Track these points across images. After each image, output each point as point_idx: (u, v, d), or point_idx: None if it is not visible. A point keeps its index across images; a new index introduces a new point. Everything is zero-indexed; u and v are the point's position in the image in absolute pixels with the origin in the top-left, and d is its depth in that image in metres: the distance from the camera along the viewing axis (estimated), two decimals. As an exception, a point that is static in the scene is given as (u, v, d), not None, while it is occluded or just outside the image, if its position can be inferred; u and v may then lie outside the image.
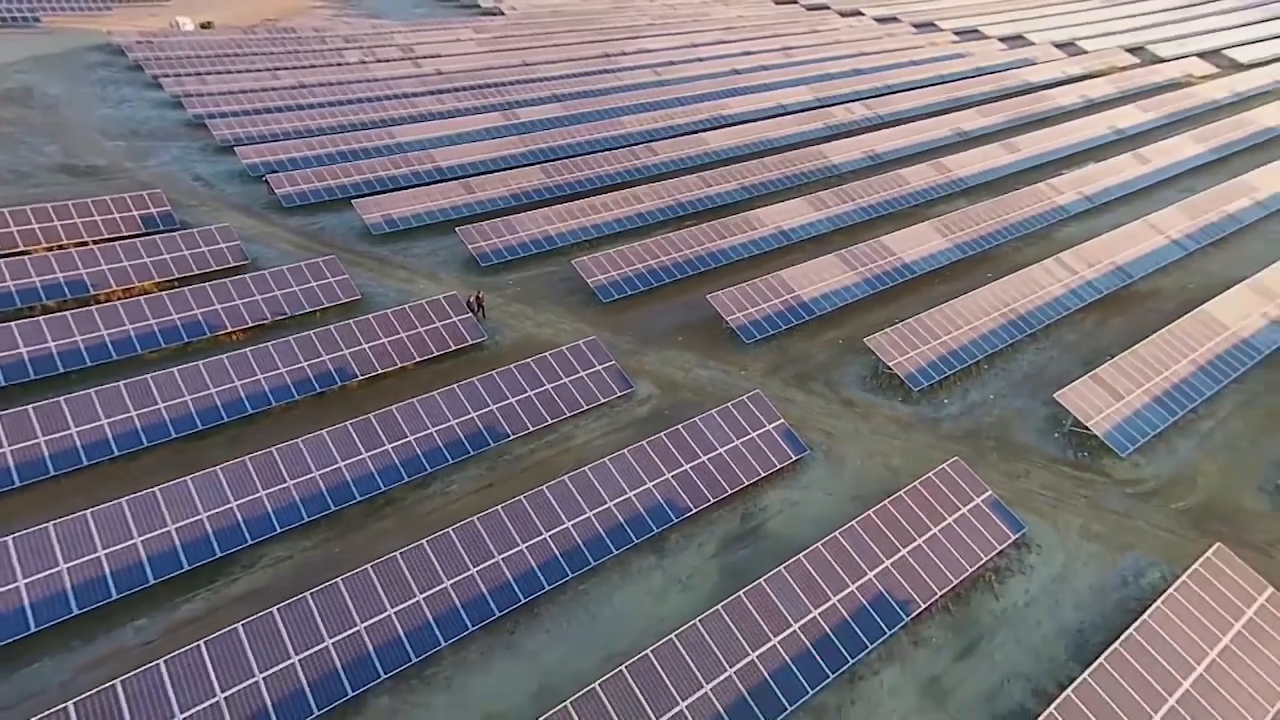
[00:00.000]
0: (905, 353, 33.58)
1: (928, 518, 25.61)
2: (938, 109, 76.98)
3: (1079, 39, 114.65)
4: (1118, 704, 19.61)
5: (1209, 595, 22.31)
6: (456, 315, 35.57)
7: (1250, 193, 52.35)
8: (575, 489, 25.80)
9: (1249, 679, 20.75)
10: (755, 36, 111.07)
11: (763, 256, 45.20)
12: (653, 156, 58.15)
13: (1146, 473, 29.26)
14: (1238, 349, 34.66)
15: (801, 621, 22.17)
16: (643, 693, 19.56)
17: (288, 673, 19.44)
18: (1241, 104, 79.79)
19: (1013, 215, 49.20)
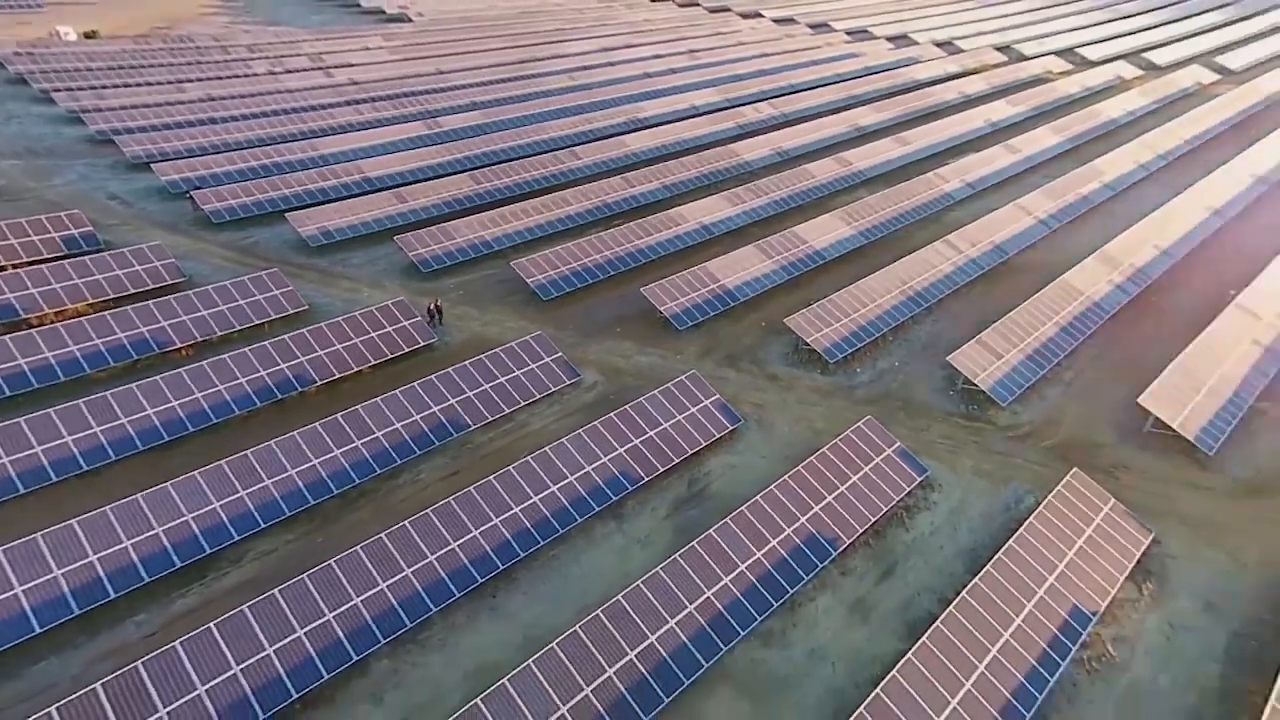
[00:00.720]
0: (821, 330, 37.78)
1: (847, 469, 29.63)
2: (836, 106, 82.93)
3: (956, 39, 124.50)
4: (1001, 599, 23.98)
5: (1069, 509, 27.19)
6: (406, 319, 37.40)
7: (1099, 176, 59.92)
8: (538, 467, 28.46)
9: (1096, 569, 25.63)
10: (663, 40, 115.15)
11: (687, 250, 48.78)
12: (576, 160, 60.88)
13: (1023, 418, 34.38)
14: (1091, 311, 40.67)
15: (747, 562, 25.64)
16: (617, 631, 22.53)
17: (295, 644, 21.36)
18: (1090, 98, 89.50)
19: (907, 203, 54.70)
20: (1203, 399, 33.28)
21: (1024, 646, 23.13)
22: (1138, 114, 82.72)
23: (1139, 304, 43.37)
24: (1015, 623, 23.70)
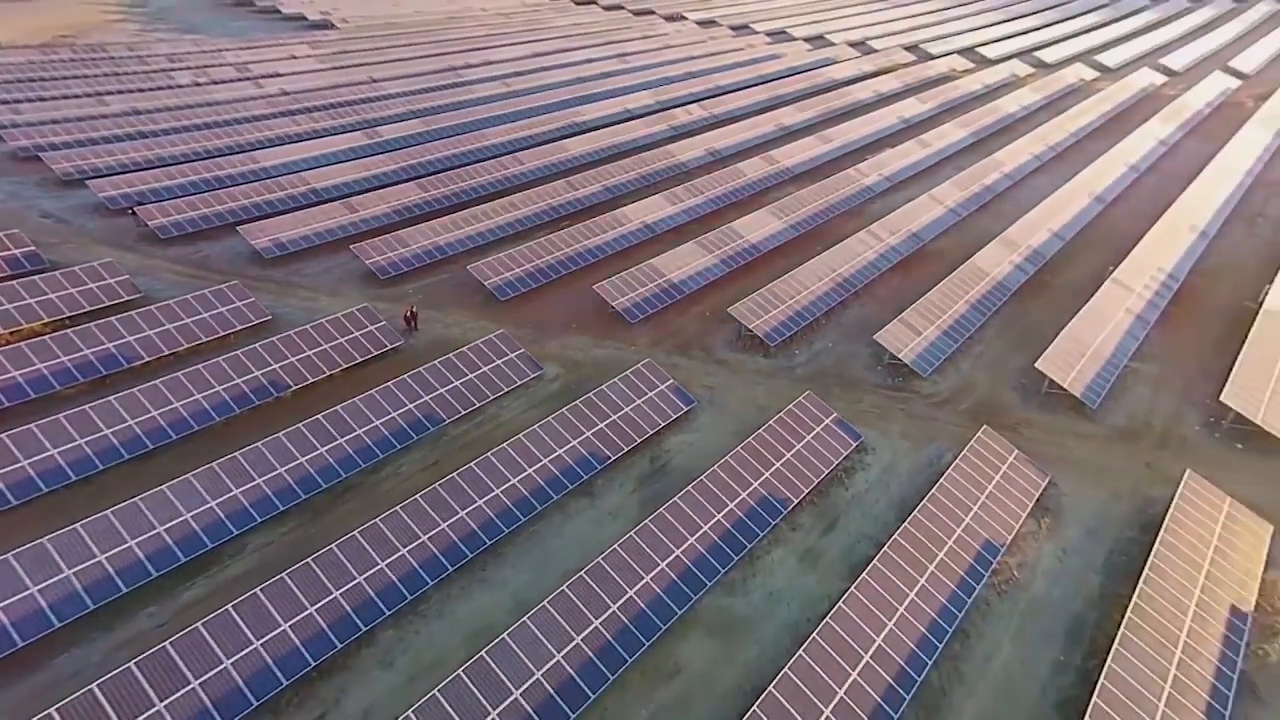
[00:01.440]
0: (761, 317, 41.44)
1: (791, 439, 33.24)
2: (762, 106, 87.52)
3: (869, 39, 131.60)
4: (926, 539, 27.92)
5: (980, 461, 31.51)
6: (372, 324, 39.15)
7: (999, 167, 66.02)
8: (514, 453, 30.98)
9: (1003, 509, 29.98)
10: (593, 44, 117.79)
11: (633, 248, 51.82)
12: (519, 166, 63.10)
13: (941, 387, 38.81)
14: (995, 289, 45.74)
15: (708, 524, 28.86)
16: (599, 588, 25.37)
17: (308, 620, 23.38)
18: (990, 94, 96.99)
19: (832, 197, 59.22)
20: (1087, 361, 38.41)
21: (946, 576, 27.11)
22: (1031, 109, 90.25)
23: (1035, 281, 48.78)
24: (938, 557, 27.67)
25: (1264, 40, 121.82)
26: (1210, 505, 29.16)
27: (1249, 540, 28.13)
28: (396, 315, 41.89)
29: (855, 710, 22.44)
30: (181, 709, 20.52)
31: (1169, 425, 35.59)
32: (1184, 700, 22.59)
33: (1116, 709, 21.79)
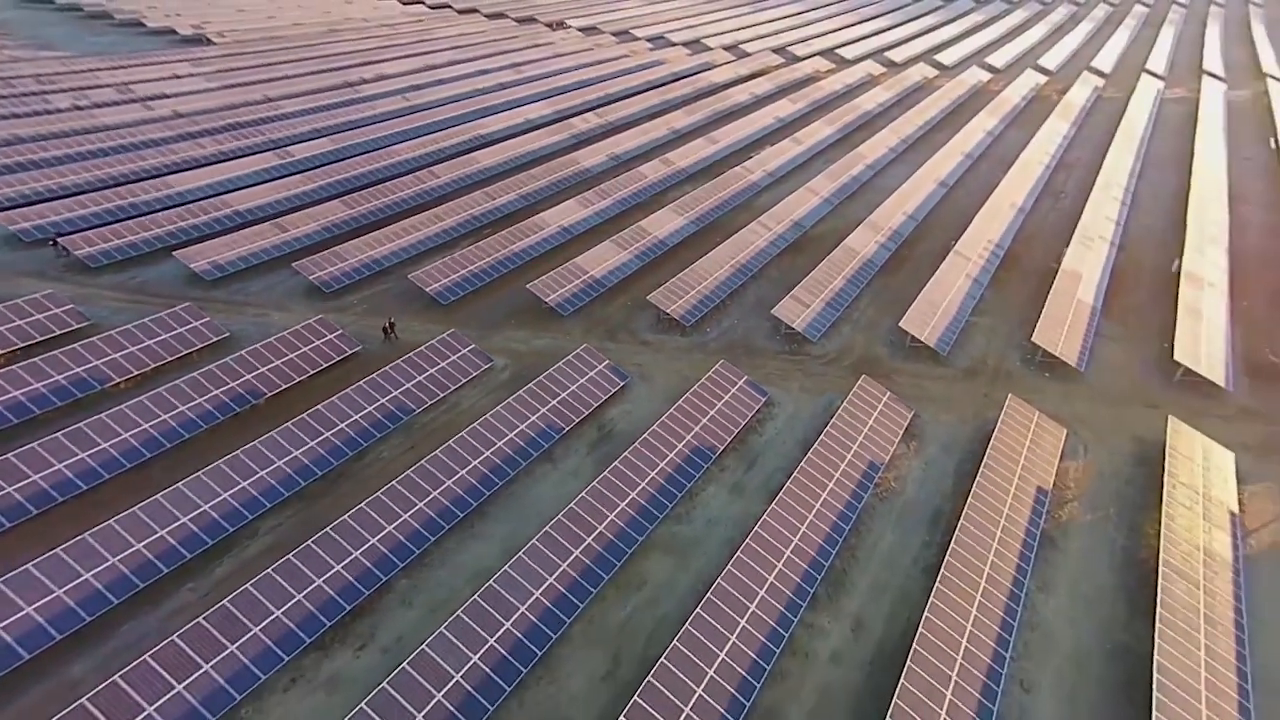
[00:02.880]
0: (676, 302, 48.24)
1: (713, 399, 40.15)
2: (653, 111, 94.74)
3: (741, 43, 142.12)
4: (824, 465, 35.51)
5: (861, 403, 39.60)
6: (330, 333, 42.95)
7: (862, 160, 76.20)
8: (484, 430, 36.21)
9: (881, 437, 38.14)
10: (484, 55, 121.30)
11: (554, 250, 57.41)
12: (435, 179, 67.11)
13: (829, 349, 46.91)
14: (866, 266, 54.70)
15: (654, 471, 35.25)
16: (575, 526, 31.20)
17: (336, 575, 27.94)
18: (850, 93, 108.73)
19: (725, 193, 66.99)
20: (938, 318, 47.65)
21: (840, 490, 34.77)
22: (885, 105, 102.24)
23: (896, 257, 58.27)
24: (834, 477, 35.31)
25: (1064, 40, 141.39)
26: (1025, 419, 38.43)
27: (1049, 441, 37.52)
28: (349, 325, 45.66)
29: (783, 591, 29.49)
30: (248, 650, 24.80)
31: (998, 363, 45.18)
32: (1006, 552, 31.10)
33: (962, 564, 29.90)
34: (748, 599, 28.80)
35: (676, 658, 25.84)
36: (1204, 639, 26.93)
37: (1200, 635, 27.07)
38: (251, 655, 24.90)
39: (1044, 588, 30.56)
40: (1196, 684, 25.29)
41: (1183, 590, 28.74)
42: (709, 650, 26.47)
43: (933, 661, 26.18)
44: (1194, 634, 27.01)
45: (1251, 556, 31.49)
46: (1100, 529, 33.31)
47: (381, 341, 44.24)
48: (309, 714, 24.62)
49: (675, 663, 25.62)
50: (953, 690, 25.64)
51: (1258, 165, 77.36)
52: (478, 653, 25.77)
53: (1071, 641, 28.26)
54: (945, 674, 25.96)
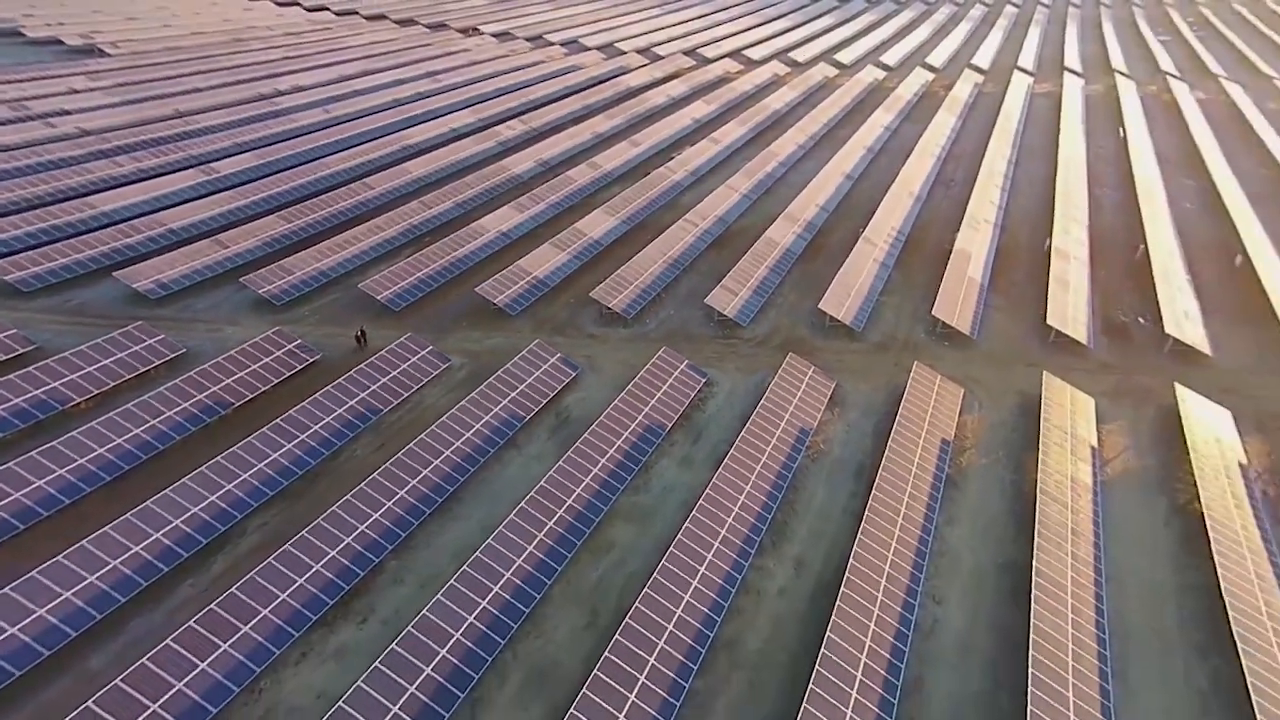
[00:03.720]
0: (616, 296, 52.08)
1: (658, 383, 44.19)
2: (576, 116, 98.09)
3: (653, 45, 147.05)
4: (761, 434, 40.14)
5: (790, 377, 44.48)
6: (290, 343, 44.59)
7: (775, 157, 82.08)
8: (452, 424, 39.06)
9: (809, 406, 43.16)
10: (399, 64, 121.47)
11: (497, 254, 60.19)
12: (370, 191, 68.51)
13: (758, 332, 51.78)
14: (786, 255, 60.06)
15: (611, 450, 39.00)
16: (546, 501, 34.63)
17: (332, 561, 30.40)
18: (760, 93, 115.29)
19: (652, 193, 71.23)
20: (852, 299, 53.32)
21: (777, 454, 39.47)
22: (792, 104, 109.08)
23: (812, 246, 63.98)
24: (770, 444, 39.98)
25: (947, 40, 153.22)
26: (929, 383, 44.27)
27: (950, 400, 43.48)
28: (305, 335, 47.26)
29: (734, 542, 33.83)
30: (261, 629, 27.15)
31: (905, 335, 51.16)
32: (918, 494, 36.52)
33: (882, 506, 35.04)
34: (704, 550, 32.98)
35: (648, 603, 29.72)
36: (1070, 547, 32.91)
37: (1068, 545, 33.04)
38: (264, 634, 27.24)
39: (949, 521, 36.07)
40: (1064, 582, 31.12)
41: (1055, 511, 34.75)
42: (675, 594, 30.49)
43: (862, 586, 31.05)
44: (1063, 544, 32.96)
45: (1107, 481, 38.02)
46: (992, 469, 39.24)
47: (354, 350, 46.11)
48: (322, 681, 27.20)
49: (648, 606, 29.51)
50: (879, 608, 30.57)
51: (1110, 152, 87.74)
52: (472, 614, 28.91)
53: (971, 561, 33.77)
54: (873, 594, 30.88)
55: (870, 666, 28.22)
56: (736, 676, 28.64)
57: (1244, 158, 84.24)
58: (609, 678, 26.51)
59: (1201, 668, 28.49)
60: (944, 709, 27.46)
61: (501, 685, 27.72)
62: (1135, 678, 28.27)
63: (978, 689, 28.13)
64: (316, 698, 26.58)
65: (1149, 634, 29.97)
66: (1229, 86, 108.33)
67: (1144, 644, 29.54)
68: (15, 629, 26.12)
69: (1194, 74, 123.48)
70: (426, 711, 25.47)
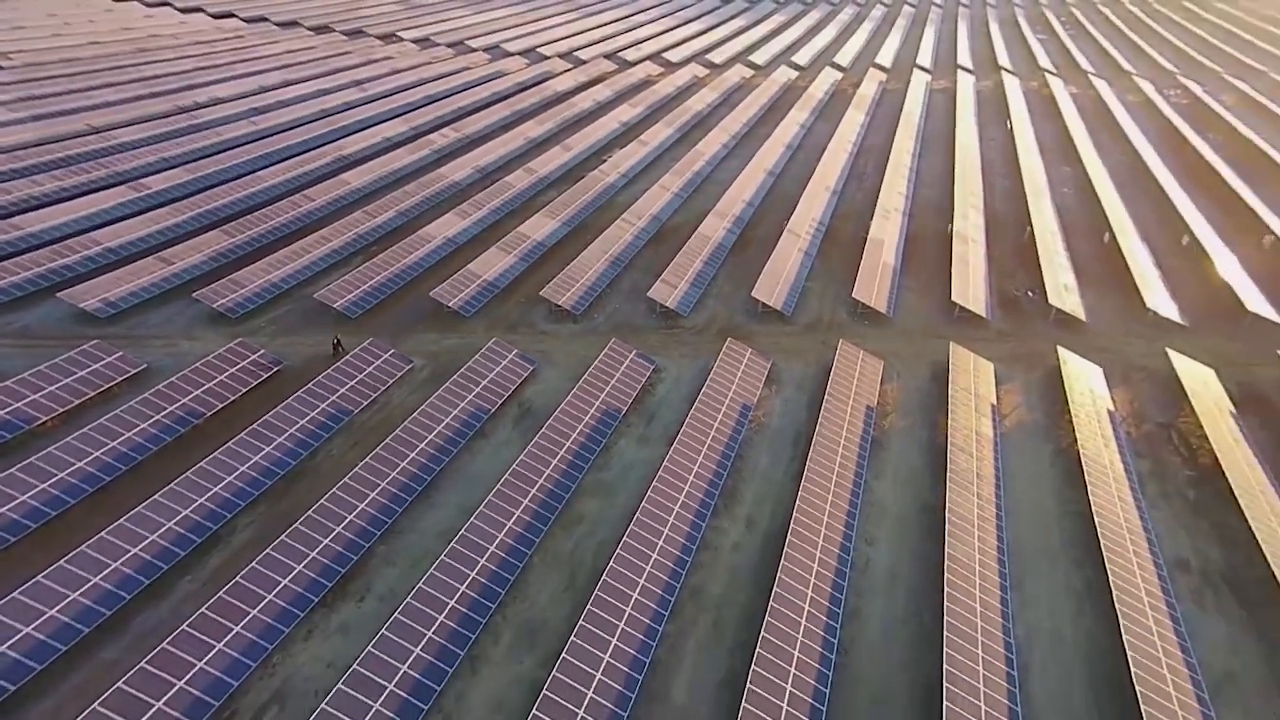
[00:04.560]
0: (565, 294, 55.42)
1: (611, 371, 47.86)
2: (507, 122, 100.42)
3: (575, 50, 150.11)
4: (709, 411, 44.38)
5: (730, 361, 48.96)
6: (252, 354, 46.03)
7: (701, 157, 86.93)
8: (424, 419, 41.67)
9: (749, 383, 47.72)
10: (321, 74, 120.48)
11: (445, 259, 62.48)
12: (311, 202, 69.40)
13: (698, 321, 56.11)
14: (718, 249, 64.70)
15: (574, 434, 42.45)
16: (520, 481, 37.84)
17: (326, 548, 32.79)
18: (681, 95, 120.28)
19: (588, 195, 74.71)
20: (781, 286, 58.36)
21: (723, 429, 43.80)
22: (713, 104, 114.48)
23: (741, 239, 68.91)
24: (717, 420, 44.28)
25: (852, 39, 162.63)
26: (853, 357, 49.58)
27: (872, 372, 48.91)
28: (265, 345, 48.63)
29: (691, 507, 37.91)
30: (268, 611, 29.44)
31: (830, 317, 56.52)
32: (848, 455, 41.53)
33: (818, 467, 39.83)
34: (666, 515, 36.92)
35: (621, 562, 33.43)
36: (976, 489, 38.52)
37: (974, 487, 38.63)
38: (272, 615, 29.53)
39: (876, 475, 41.21)
40: (972, 518, 36.60)
41: (963, 460, 40.36)
42: (644, 554, 34.31)
43: (805, 535, 35.65)
44: (970, 487, 38.53)
45: (1005, 432, 44.07)
46: (910, 429, 44.73)
47: (330, 357, 47.75)
48: (330, 654, 29.72)
49: (621, 565, 33.21)
50: (820, 551, 35.23)
51: (999, 143, 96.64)
52: (463, 583, 31.94)
53: (896, 508, 38.92)
54: (814, 540, 35.52)
55: (815, 600, 32.78)
56: (702, 618, 32.70)
57: (1110, 147, 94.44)
58: (593, 626, 30.10)
59: (1078, 575, 34.35)
60: (878, 630, 32.28)
61: (496, 643, 30.90)
62: (1029, 588, 33.86)
63: (904, 612, 33.10)
64: (327, 667, 29.12)
65: (1039, 553, 35.71)
66: (1096, 82, 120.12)
67: (1035, 562, 35.24)
68: (29, 628, 27.58)
69: (1067, 70, 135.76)
70: (433, 669, 28.45)
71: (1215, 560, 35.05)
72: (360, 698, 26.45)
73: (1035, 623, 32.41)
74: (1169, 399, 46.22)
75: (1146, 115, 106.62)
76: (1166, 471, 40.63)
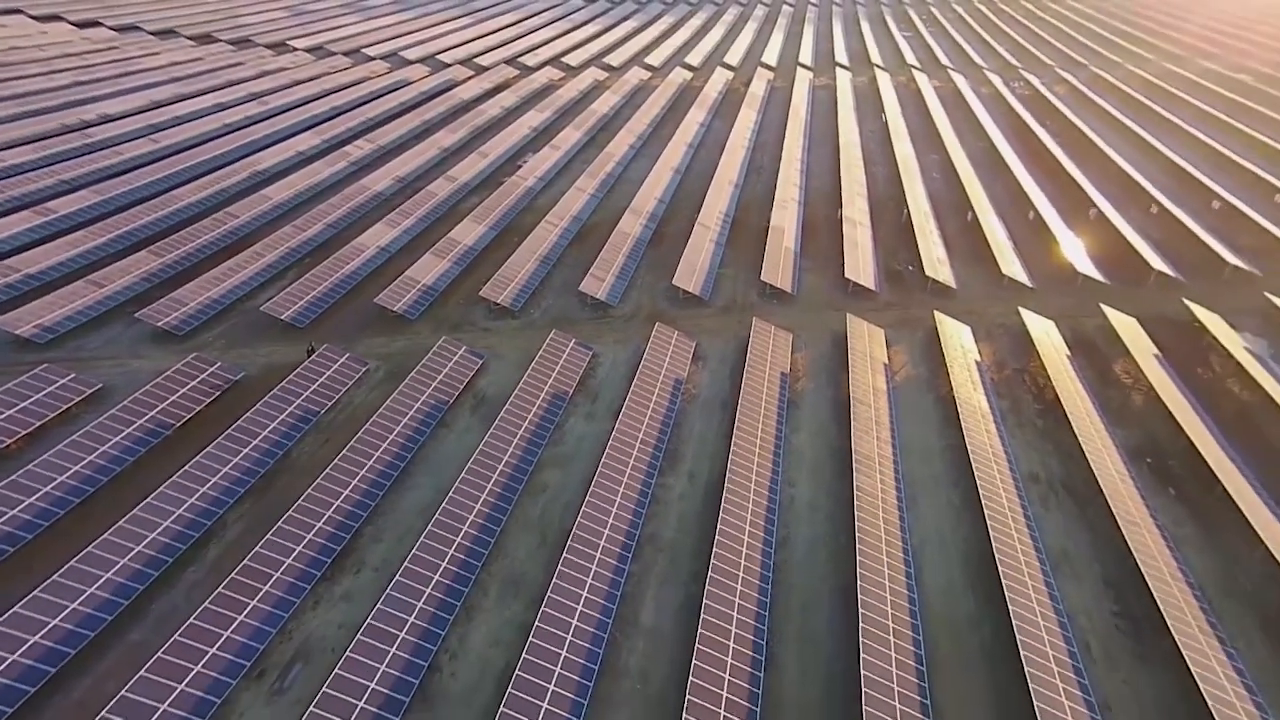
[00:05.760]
0: (502, 292, 59.74)
1: (554, 359, 52.78)
2: (418, 132, 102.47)
3: (475, 56, 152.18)
4: (648, 386, 50.15)
5: (660, 343, 54.87)
6: (210, 367, 48.07)
7: (611, 158, 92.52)
8: (390, 413, 45.33)
9: (677, 363, 53.85)
10: (215, 87, 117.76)
11: (381, 267, 65.27)
12: (235, 219, 70.20)
13: (626, 309, 61.71)
14: (637, 244, 70.54)
15: (530, 416, 47.22)
16: (487, 459, 42.33)
17: (320, 530, 36.34)
18: (585, 98, 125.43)
19: (510, 200, 78.82)
20: (698, 274, 64.81)
21: (660, 402, 49.65)
22: (616, 107, 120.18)
23: (657, 234, 75.00)
24: (654, 395, 50.03)
25: (740, 39, 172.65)
26: (766, 332, 56.61)
27: (783, 343, 56.13)
28: (219, 358, 50.55)
29: (640, 469, 43.54)
30: (279, 586, 32.91)
31: (743, 298, 63.50)
32: (768, 415, 48.34)
33: (744, 427, 46.35)
34: (620, 477, 42.43)
35: (586, 518, 38.68)
36: (875, 432, 46.15)
37: (874, 432, 46.24)
38: (281, 589, 33.00)
39: (793, 429, 48.18)
40: (873, 457, 44.11)
41: (864, 411, 47.94)
42: (605, 508, 39.69)
43: (738, 482, 42.02)
44: (870, 432, 46.09)
45: (896, 386, 52.19)
46: (819, 390, 52.08)
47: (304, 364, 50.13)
48: (340, 617, 33.51)
49: (586, 520, 38.46)
50: (753, 494, 41.70)
51: (877, 135, 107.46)
52: (451, 548, 36.33)
53: (811, 454, 45.97)
54: (746, 486, 41.97)
55: (752, 533, 39.17)
56: (660, 558, 38.45)
57: (968, 134, 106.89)
58: (570, 570, 35.27)
59: (957, 494, 42.38)
60: (803, 550, 39.00)
61: (485, 595, 35.53)
62: (920, 507, 41.57)
63: (823, 534, 40.02)
64: (339, 628, 32.95)
65: (927, 479, 43.57)
66: (954, 76, 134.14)
67: (924, 486, 43.07)
68: (57, 620, 29.99)
69: (930, 66, 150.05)
70: (435, 618, 32.84)
71: (1056, 471, 43.96)
72: (379, 645, 30.59)
73: (925, 533, 40.03)
74: (1021, 349, 55.74)
75: (996, 106, 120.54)
76: (1021, 406, 49.68)
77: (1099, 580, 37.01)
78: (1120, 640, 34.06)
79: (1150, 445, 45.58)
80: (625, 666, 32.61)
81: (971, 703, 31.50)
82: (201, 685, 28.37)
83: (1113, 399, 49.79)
